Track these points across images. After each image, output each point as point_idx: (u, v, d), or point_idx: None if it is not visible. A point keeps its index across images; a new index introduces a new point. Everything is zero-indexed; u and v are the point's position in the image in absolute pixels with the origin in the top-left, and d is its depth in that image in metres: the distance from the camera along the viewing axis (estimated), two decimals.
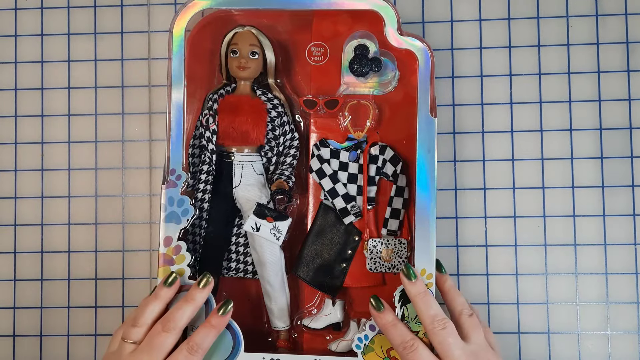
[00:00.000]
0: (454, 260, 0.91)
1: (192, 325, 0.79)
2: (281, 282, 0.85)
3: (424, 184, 0.80)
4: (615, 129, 0.91)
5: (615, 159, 0.91)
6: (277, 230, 0.83)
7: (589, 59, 0.92)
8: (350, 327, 0.86)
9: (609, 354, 0.90)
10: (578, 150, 0.91)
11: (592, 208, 0.91)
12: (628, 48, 0.92)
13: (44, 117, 0.95)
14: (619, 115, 0.91)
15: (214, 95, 0.86)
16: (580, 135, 0.91)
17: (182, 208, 0.81)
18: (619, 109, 0.91)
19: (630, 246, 0.90)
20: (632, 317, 0.90)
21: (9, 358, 0.93)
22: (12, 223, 0.95)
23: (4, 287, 0.94)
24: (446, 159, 0.92)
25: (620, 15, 0.92)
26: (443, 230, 0.91)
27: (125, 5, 0.95)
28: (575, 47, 0.92)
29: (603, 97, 0.92)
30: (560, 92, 0.92)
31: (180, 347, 0.76)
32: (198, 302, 0.78)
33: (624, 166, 0.91)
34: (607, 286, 0.90)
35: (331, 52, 0.87)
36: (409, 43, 0.81)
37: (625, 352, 0.89)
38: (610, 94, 0.92)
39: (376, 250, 0.84)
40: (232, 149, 0.85)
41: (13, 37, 0.96)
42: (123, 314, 0.93)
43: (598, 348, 0.90)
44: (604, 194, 0.91)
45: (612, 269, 0.90)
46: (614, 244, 0.90)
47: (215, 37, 0.86)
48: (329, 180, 0.86)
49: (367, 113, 0.86)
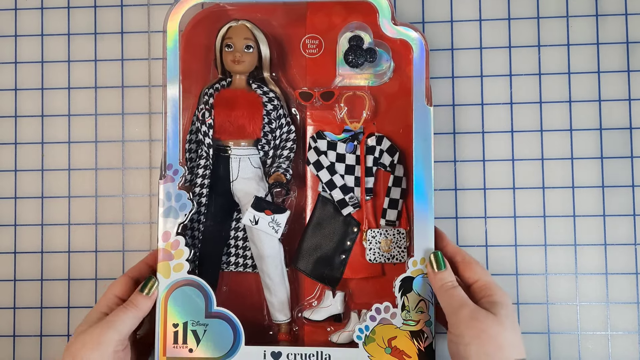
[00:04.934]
0: None
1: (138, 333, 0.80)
2: (281, 275, 0.85)
3: (421, 174, 0.80)
4: (615, 129, 0.91)
5: (615, 159, 0.91)
6: (275, 223, 0.83)
7: (589, 59, 0.92)
8: (351, 319, 0.86)
9: (609, 354, 0.89)
10: (578, 151, 0.91)
11: (592, 208, 0.91)
12: (628, 48, 0.92)
13: (44, 117, 0.95)
14: (619, 115, 0.91)
15: (209, 90, 0.86)
16: (580, 136, 0.91)
17: (180, 203, 0.81)
18: (619, 109, 0.91)
19: (630, 246, 0.90)
20: (632, 317, 0.90)
21: (9, 358, 0.93)
22: (12, 223, 0.95)
23: (4, 287, 0.94)
24: (446, 159, 0.92)
25: (620, 15, 0.92)
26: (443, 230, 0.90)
27: (125, 5, 0.95)
28: (575, 47, 0.92)
29: (603, 97, 0.92)
30: (560, 92, 0.92)
31: None
32: (141, 310, 0.78)
33: (624, 166, 0.91)
34: (607, 286, 0.90)
35: (326, 44, 0.88)
36: (403, 33, 0.82)
37: (625, 352, 0.89)
38: (610, 94, 0.91)
39: (375, 241, 0.85)
40: (229, 143, 0.86)
41: (13, 37, 0.96)
42: None
43: (598, 348, 0.90)
44: (604, 194, 0.91)
45: (612, 269, 0.90)
46: (614, 244, 0.90)
47: (209, 32, 0.87)
48: (327, 172, 0.86)
49: (363, 104, 0.86)
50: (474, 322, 0.73)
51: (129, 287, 0.81)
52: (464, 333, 0.73)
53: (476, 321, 0.73)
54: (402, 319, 0.80)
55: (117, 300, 0.80)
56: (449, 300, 0.76)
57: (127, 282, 0.81)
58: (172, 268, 0.81)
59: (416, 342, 0.80)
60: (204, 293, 0.81)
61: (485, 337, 0.72)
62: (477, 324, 0.73)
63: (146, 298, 0.78)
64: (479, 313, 0.74)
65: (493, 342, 0.72)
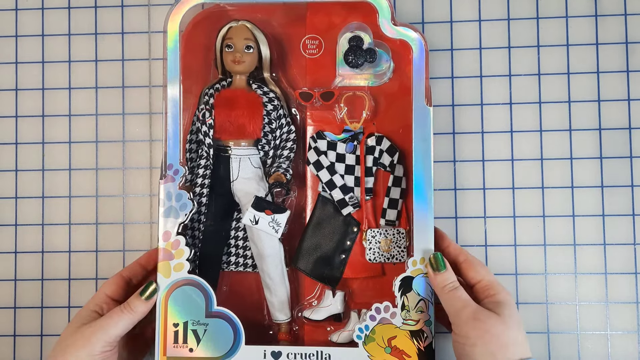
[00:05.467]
0: None
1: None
2: (281, 274, 0.86)
3: (421, 174, 0.81)
4: (615, 129, 0.91)
5: (615, 159, 0.91)
6: (275, 223, 0.84)
7: (589, 59, 0.92)
8: (351, 318, 0.86)
9: (609, 354, 0.90)
10: (578, 150, 0.91)
11: (592, 208, 0.91)
12: (628, 48, 0.92)
13: (45, 117, 0.95)
14: (619, 115, 0.91)
15: (209, 90, 0.86)
16: (580, 135, 0.91)
17: (180, 202, 0.81)
18: (619, 109, 0.91)
19: (630, 246, 0.90)
20: (631, 317, 0.90)
21: (9, 358, 0.93)
22: (13, 223, 0.95)
23: (4, 287, 0.94)
24: (446, 159, 0.92)
25: (620, 16, 0.92)
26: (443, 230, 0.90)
27: (126, 5, 0.96)
28: (575, 47, 0.92)
29: (603, 97, 0.92)
30: (560, 92, 0.92)
31: None
32: (137, 313, 0.78)
33: (624, 166, 0.91)
34: (607, 286, 0.90)
35: (326, 45, 0.88)
36: (403, 33, 0.82)
37: (625, 352, 0.89)
38: (610, 94, 0.92)
39: (375, 241, 0.85)
40: (229, 143, 0.86)
41: (14, 38, 0.96)
42: None
43: (598, 348, 0.90)
44: (603, 194, 0.91)
45: (612, 269, 0.90)
46: (613, 244, 0.90)
47: (209, 32, 0.87)
48: (327, 172, 0.86)
49: (363, 104, 0.86)
50: (477, 322, 0.73)
51: (121, 287, 0.81)
52: (469, 334, 0.73)
53: (479, 321, 0.73)
54: (402, 318, 0.80)
55: (108, 299, 0.80)
56: (451, 302, 0.76)
57: (119, 281, 0.81)
58: (173, 268, 0.81)
59: (416, 342, 0.80)
60: (204, 293, 0.81)
61: (489, 336, 0.72)
62: (480, 324, 0.73)
63: (144, 302, 0.78)
64: (481, 313, 0.74)
65: (497, 341, 0.72)
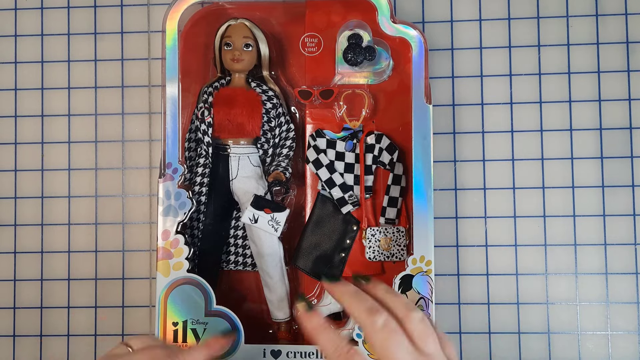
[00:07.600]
0: (454, 260, 0.91)
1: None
2: (280, 273, 0.86)
3: (420, 172, 0.81)
4: (615, 129, 0.91)
5: (615, 159, 0.91)
6: (275, 222, 0.84)
7: (589, 59, 0.92)
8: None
9: (609, 354, 0.89)
10: (578, 150, 0.91)
11: (592, 208, 0.91)
12: (628, 48, 0.92)
13: (44, 117, 0.95)
14: (619, 115, 0.91)
15: (208, 89, 0.86)
16: (580, 135, 0.91)
17: (180, 201, 0.81)
18: (619, 109, 0.91)
19: (630, 246, 0.90)
20: (632, 317, 0.89)
21: (9, 358, 0.93)
22: (12, 223, 0.95)
23: (4, 287, 0.94)
24: (446, 159, 0.92)
25: (620, 15, 0.92)
26: (443, 230, 0.90)
27: (125, 5, 0.96)
28: (575, 47, 0.92)
29: (603, 97, 0.92)
30: (560, 92, 0.92)
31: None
32: (213, 351, 0.74)
33: (624, 166, 0.91)
34: (607, 286, 0.90)
35: (325, 43, 0.88)
36: (402, 31, 0.82)
37: (625, 352, 0.89)
38: (610, 94, 0.91)
39: (375, 239, 0.85)
40: (228, 142, 0.86)
41: (13, 37, 0.96)
42: (123, 314, 0.93)
43: (598, 348, 0.89)
44: (604, 194, 0.91)
45: (612, 269, 0.90)
46: (614, 244, 0.90)
47: (208, 31, 0.87)
48: (326, 170, 0.86)
49: (363, 102, 0.86)
50: None
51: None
52: None
53: None
54: None
55: None
56: None
57: None
58: (172, 266, 0.81)
59: None
60: (203, 291, 0.81)
61: None
62: None
63: (222, 344, 0.76)
64: None
65: None
